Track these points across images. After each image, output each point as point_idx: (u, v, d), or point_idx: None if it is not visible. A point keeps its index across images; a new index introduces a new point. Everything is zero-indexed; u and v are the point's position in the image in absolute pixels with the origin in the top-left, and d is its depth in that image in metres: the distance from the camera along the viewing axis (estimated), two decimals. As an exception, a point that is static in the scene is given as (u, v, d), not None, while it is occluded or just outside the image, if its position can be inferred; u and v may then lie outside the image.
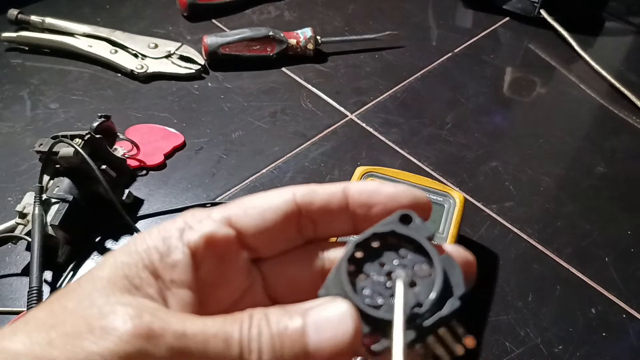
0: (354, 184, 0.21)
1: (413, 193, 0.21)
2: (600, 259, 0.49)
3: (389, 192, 0.21)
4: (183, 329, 0.17)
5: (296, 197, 0.21)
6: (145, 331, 0.16)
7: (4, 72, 0.64)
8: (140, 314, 0.17)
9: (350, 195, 0.21)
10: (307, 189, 0.21)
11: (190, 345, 0.16)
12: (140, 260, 0.19)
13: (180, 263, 0.19)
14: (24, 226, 0.45)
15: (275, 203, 0.21)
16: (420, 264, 0.19)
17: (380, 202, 0.21)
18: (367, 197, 0.21)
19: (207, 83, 0.65)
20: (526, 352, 0.42)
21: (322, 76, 0.66)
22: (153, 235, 0.19)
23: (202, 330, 0.17)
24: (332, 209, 0.21)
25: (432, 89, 0.66)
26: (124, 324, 0.16)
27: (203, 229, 0.20)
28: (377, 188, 0.21)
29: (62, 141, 0.45)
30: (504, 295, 0.46)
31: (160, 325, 0.17)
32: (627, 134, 0.62)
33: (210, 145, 0.57)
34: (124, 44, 0.66)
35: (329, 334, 0.17)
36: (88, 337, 0.16)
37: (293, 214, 0.21)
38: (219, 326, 0.17)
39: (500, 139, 0.60)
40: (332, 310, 0.18)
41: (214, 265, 0.20)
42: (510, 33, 0.75)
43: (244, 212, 0.20)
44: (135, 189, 0.52)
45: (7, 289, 0.44)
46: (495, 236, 0.50)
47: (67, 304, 0.17)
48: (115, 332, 0.16)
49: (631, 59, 0.72)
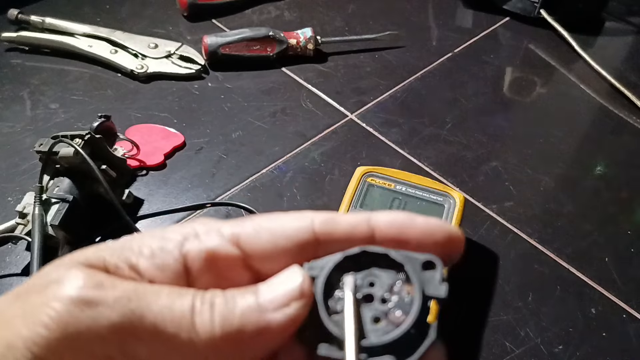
0: (380, 214, 0.19)
1: (449, 229, 0.19)
2: (601, 259, 0.49)
3: (423, 227, 0.19)
4: (134, 287, 0.17)
5: (314, 226, 0.19)
6: (96, 282, 0.17)
7: (4, 72, 0.64)
8: (94, 274, 0.17)
9: (377, 228, 0.19)
10: (327, 217, 0.19)
11: (141, 303, 0.17)
12: (128, 250, 0.19)
13: (167, 268, 0.18)
14: (24, 226, 0.45)
15: (291, 229, 0.19)
16: (401, 309, 0.18)
17: (413, 239, 0.19)
18: (397, 231, 0.19)
19: (207, 83, 0.65)
20: (526, 352, 0.42)
21: (322, 76, 0.66)
22: (155, 234, 0.19)
23: (153, 290, 0.17)
24: (354, 243, 0.19)
25: (432, 89, 0.66)
26: (77, 280, 0.17)
27: (207, 243, 0.19)
28: (409, 222, 0.19)
29: (62, 141, 0.45)
30: (504, 295, 0.46)
31: (112, 282, 0.17)
32: (627, 134, 0.62)
33: (210, 145, 0.57)
34: (124, 44, 0.66)
35: (280, 289, 0.18)
36: (41, 292, 0.17)
37: (309, 245, 0.19)
38: (170, 289, 0.17)
39: (501, 139, 0.60)
40: (284, 273, 0.18)
41: (212, 281, 0.19)
42: (511, 33, 0.75)
43: (256, 233, 0.19)
44: (135, 189, 0.52)
45: (7, 289, 0.44)
46: (495, 236, 0.50)
47: (39, 273, 0.18)
48: (68, 283, 0.17)
49: (631, 59, 0.72)
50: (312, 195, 0.53)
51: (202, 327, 0.17)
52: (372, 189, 0.46)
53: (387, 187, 0.46)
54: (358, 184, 0.46)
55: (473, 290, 0.46)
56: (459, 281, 0.42)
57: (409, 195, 0.45)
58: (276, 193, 0.53)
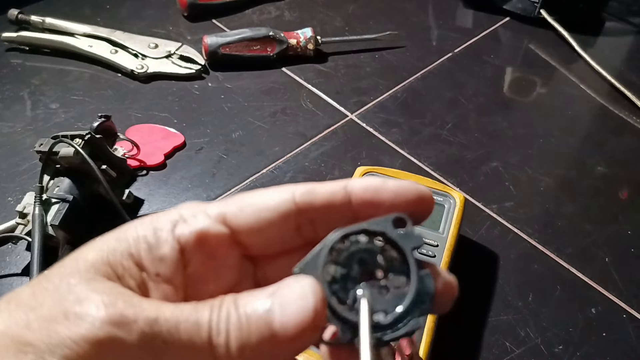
0: (356, 181, 0.20)
1: (418, 188, 0.20)
2: (601, 259, 0.49)
3: (394, 188, 0.20)
4: (155, 315, 0.17)
5: (295, 197, 0.20)
6: (118, 317, 0.17)
7: (4, 72, 0.64)
8: (114, 301, 0.17)
9: (353, 193, 0.20)
10: (306, 188, 0.20)
11: (162, 329, 0.17)
12: (127, 248, 0.19)
13: (167, 257, 0.19)
14: (24, 226, 0.45)
15: (273, 203, 0.20)
16: (399, 272, 0.19)
17: (386, 200, 0.20)
18: (372, 195, 0.20)
19: (207, 83, 0.65)
20: (526, 352, 0.42)
21: (322, 76, 0.66)
22: (145, 224, 0.19)
23: (173, 315, 0.17)
24: (334, 209, 0.20)
25: (432, 89, 0.66)
26: (97, 311, 0.17)
27: (196, 225, 0.19)
28: (381, 184, 0.20)
29: (63, 141, 0.45)
30: (504, 295, 0.46)
31: (133, 311, 0.17)
32: (627, 134, 0.62)
33: (210, 145, 0.57)
34: (124, 44, 0.66)
35: (292, 310, 0.17)
36: (62, 322, 0.16)
37: (291, 215, 0.20)
38: (189, 311, 0.17)
39: (501, 139, 0.60)
40: (295, 287, 0.18)
41: (203, 261, 0.20)
42: (511, 33, 0.75)
43: (240, 210, 0.20)
44: (136, 189, 0.52)
45: (8, 289, 0.44)
46: (495, 236, 0.50)
47: (48, 285, 0.18)
48: (88, 318, 0.16)
49: (631, 59, 0.72)
50: (312, 195, 0.53)
51: (220, 352, 0.17)
52: (372, 189, 0.46)
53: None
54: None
55: (473, 290, 0.46)
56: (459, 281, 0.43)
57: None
58: (276, 193, 0.53)
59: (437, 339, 0.39)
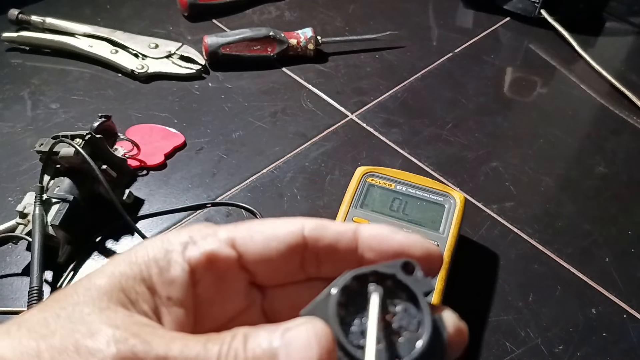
0: (367, 227, 0.21)
1: (426, 246, 0.20)
2: (601, 259, 0.49)
3: (401, 242, 0.20)
4: (165, 353, 0.17)
5: (305, 231, 0.20)
6: (128, 355, 0.17)
7: (5, 72, 0.64)
8: (126, 337, 0.17)
9: (360, 238, 0.20)
10: (317, 223, 0.21)
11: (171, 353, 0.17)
12: (139, 273, 0.19)
13: (178, 280, 0.19)
14: (25, 226, 0.45)
15: (282, 233, 0.20)
16: (411, 317, 0.18)
17: (391, 250, 0.20)
18: (377, 242, 0.20)
19: (208, 83, 0.65)
20: (526, 353, 0.42)
21: (322, 76, 0.66)
22: (156, 246, 0.19)
23: (182, 354, 0.17)
24: (340, 249, 0.20)
25: (432, 89, 0.66)
26: (108, 347, 0.17)
27: (206, 246, 0.20)
28: (388, 235, 0.20)
29: (63, 141, 0.45)
30: (505, 296, 0.46)
31: (144, 349, 0.17)
32: (628, 134, 0.62)
33: (210, 145, 0.57)
34: (124, 44, 0.66)
35: (297, 357, 0.17)
36: (73, 356, 0.16)
37: (298, 247, 0.20)
38: (199, 349, 0.17)
39: (501, 139, 0.60)
40: (302, 333, 0.17)
41: (212, 284, 0.20)
42: (511, 33, 0.75)
43: (250, 237, 0.20)
44: (136, 189, 0.52)
45: (8, 288, 0.44)
46: (495, 236, 0.50)
47: (61, 313, 0.18)
48: (99, 354, 0.16)
49: (632, 59, 0.72)
50: (313, 195, 0.53)
51: None
52: (373, 189, 0.46)
53: (388, 187, 0.46)
54: (358, 184, 0.46)
55: (473, 290, 0.46)
56: (460, 281, 0.43)
57: (409, 195, 0.45)
58: (276, 193, 0.53)
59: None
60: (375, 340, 0.17)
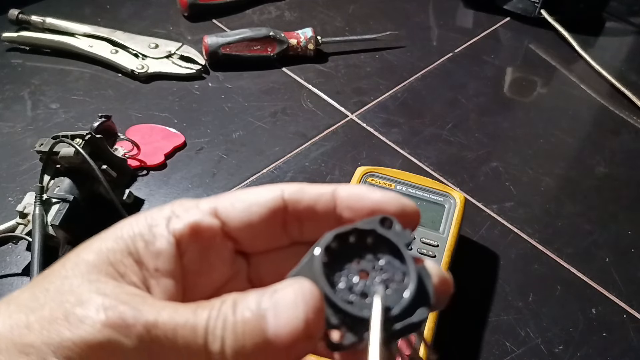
0: (344, 186, 0.21)
1: (401, 201, 0.21)
2: (601, 259, 0.49)
3: (376, 199, 0.21)
4: (155, 318, 0.17)
5: (284, 194, 0.21)
6: (117, 321, 0.17)
7: (5, 72, 0.64)
8: (115, 304, 0.17)
9: (338, 198, 0.21)
10: (296, 187, 0.21)
11: (160, 334, 0.17)
12: (126, 247, 0.19)
13: (164, 252, 0.19)
14: (25, 226, 0.45)
15: (263, 198, 0.21)
16: (395, 269, 0.19)
17: (367, 208, 0.21)
18: (354, 201, 0.21)
19: (208, 83, 0.65)
20: (527, 353, 0.42)
21: (322, 76, 0.66)
22: (140, 221, 0.20)
23: (172, 319, 0.17)
24: (319, 210, 0.21)
25: (432, 89, 0.66)
26: (97, 314, 0.17)
27: (189, 218, 0.20)
28: (365, 193, 0.21)
29: (63, 141, 0.45)
30: (505, 296, 0.46)
31: (133, 315, 0.17)
32: (628, 134, 0.62)
33: (210, 145, 0.57)
34: (124, 44, 0.66)
35: (284, 318, 0.17)
36: (63, 324, 0.17)
37: (279, 211, 0.21)
38: (188, 315, 0.17)
39: (501, 139, 0.60)
40: (288, 293, 0.17)
41: (198, 254, 0.20)
42: (511, 33, 0.75)
43: (231, 205, 0.21)
44: (136, 189, 0.52)
45: (8, 288, 0.44)
46: (495, 236, 0.50)
47: (49, 287, 0.18)
48: (89, 320, 0.17)
49: (632, 59, 0.72)
50: (313, 195, 0.53)
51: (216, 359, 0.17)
52: (373, 189, 0.46)
53: (388, 187, 0.46)
54: (358, 184, 0.46)
55: (473, 290, 0.46)
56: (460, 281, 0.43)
57: (410, 195, 0.45)
58: (276, 193, 0.53)
59: (438, 339, 0.39)
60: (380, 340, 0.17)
